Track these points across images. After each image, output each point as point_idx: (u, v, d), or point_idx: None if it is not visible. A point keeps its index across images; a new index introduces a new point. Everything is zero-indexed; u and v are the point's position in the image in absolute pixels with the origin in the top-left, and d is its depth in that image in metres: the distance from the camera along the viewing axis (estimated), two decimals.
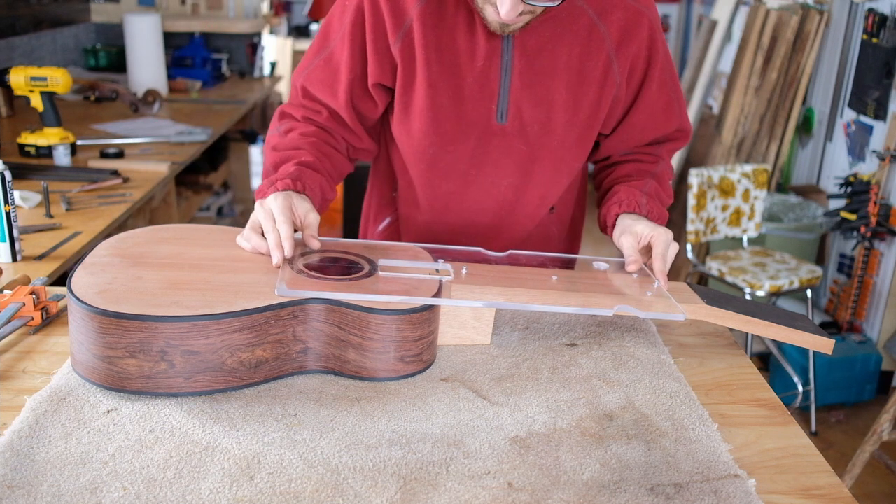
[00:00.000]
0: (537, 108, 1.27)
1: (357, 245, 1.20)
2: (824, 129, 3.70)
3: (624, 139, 1.37)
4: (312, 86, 1.31)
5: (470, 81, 1.25)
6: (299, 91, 1.33)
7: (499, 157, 1.31)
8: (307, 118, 1.32)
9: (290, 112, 1.34)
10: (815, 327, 1.20)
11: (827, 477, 0.91)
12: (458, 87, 1.25)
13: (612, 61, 1.26)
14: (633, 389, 1.05)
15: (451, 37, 1.23)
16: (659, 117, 1.34)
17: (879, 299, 3.20)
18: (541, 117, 1.28)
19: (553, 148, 1.31)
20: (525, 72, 1.24)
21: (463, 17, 1.22)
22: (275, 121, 1.35)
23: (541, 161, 1.32)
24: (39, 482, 0.80)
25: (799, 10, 3.57)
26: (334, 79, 1.29)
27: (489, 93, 1.26)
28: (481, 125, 1.28)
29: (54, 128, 2.35)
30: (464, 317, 1.11)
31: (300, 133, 1.29)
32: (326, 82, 1.30)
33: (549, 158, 1.32)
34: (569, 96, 1.26)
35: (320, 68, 1.30)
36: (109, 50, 3.78)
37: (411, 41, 1.23)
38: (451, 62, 1.24)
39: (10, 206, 1.54)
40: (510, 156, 1.31)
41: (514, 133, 1.29)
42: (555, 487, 0.85)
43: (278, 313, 0.97)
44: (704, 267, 3.15)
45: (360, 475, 0.84)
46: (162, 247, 1.10)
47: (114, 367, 0.93)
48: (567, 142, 1.31)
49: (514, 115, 1.27)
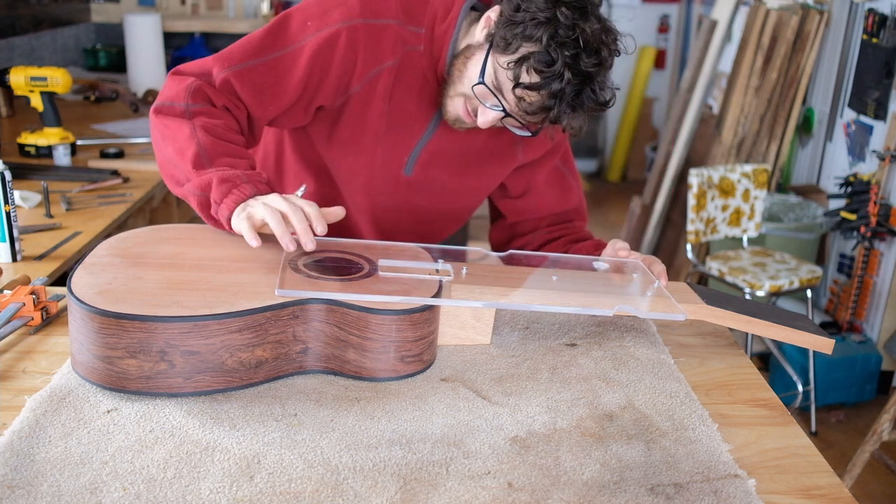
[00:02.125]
0: (441, 170, 1.34)
1: (357, 245, 1.20)
2: (824, 129, 3.70)
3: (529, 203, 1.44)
4: (243, 86, 1.20)
5: (398, 134, 1.29)
6: (218, 80, 1.20)
7: (399, 204, 1.37)
8: (228, 110, 1.21)
9: (208, 94, 1.19)
10: (816, 327, 1.20)
11: (827, 477, 0.91)
12: (388, 139, 1.29)
13: (517, 142, 1.35)
14: (633, 389, 1.05)
15: (403, 96, 1.26)
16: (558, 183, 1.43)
17: (879, 299, 3.20)
18: (441, 177, 1.35)
19: (450, 203, 1.39)
20: (443, 138, 1.31)
21: (418, 84, 1.26)
22: (185, 89, 1.18)
23: (437, 214, 1.41)
24: (39, 482, 0.80)
25: (799, 10, 3.56)
26: (272, 91, 1.21)
27: (405, 148, 1.31)
28: (393, 172, 1.33)
29: (54, 128, 2.35)
30: (464, 317, 1.11)
31: (233, 131, 1.20)
32: (261, 90, 1.21)
33: (447, 213, 1.42)
34: (471, 165, 1.35)
35: (261, 73, 1.20)
36: (109, 50, 3.77)
37: (373, 90, 1.24)
38: (393, 118, 1.28)
39: (10, 206, 1.54)
40: (410, 204, 1.38)
41: (416, 186, 1.35)
42: (555, 487, 0.85)
43: (278, 313, 0.97)
44: (704, 267, 3.15)
45: (360, 475, 0.84)
46: (162, 247, 1.10)
47: (114, 367, 0.93)
48: (462, 200, 1.40)
49: (419, 171, 1.33)
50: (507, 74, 1.11)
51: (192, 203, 1.13)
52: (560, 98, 1.10)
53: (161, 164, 1.19)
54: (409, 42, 1.23)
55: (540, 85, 1.09)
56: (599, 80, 1.12)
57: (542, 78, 1.09)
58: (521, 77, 1.10)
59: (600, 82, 1.12)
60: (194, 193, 1.12)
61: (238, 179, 1.10)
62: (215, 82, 1.20)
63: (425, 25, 1.23)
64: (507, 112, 1.16)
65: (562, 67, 1.08)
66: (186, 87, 1.18)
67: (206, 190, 1.10)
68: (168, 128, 1.16)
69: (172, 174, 1.16)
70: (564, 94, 1.09)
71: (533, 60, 1.08)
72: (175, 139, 1.15)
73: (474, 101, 1.18)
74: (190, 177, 1.12)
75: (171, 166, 1.16)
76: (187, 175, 1.12)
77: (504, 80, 1.13)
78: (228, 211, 1.08)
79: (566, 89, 1.09)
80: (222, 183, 1.09)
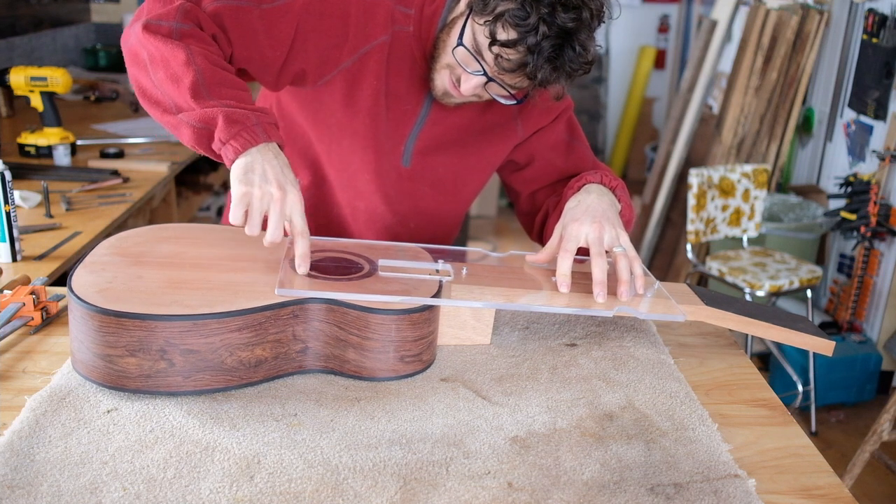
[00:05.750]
0: (439, 157, 1.33)
1: (357, 245, 1.20)
2: (824, 129, 3.70)
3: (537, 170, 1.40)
4: (233, 23, 1.15)
5: (392, 121, 1.28)
6: (209, 9, 1.14)
7: (401, 196, 1.36)
8: (216, 40, 1.15)
9: (199, 17, 1.12)
10: (816, 329, 1.20)
11: (827, 477, 0.91)
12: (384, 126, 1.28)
13: (514, 118, 1.34)
14: (633, 389, 1.05)
15: (395, 77, 1.26)
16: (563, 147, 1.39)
17: (879, 299, 3.20)
18: (441, 164, 1.34)
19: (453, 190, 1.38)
20: (437, 123, 1.30)
21: (408, 65, 1.26)
22: (176, 8, 1.11)
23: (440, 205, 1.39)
24: (39, 482, 0.80)
25: (799, 10, 3.56)
26: (259, 39, 1.16)
27: (399, 137, 1.30)
28: (392, 163, 1.32)
29: (54, 128, 2.35)
30: (464, 317, 1.11)
31: (226, 61, 1.14)
32: (250, 35, 1.16)
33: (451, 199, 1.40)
34: (469, 147, 1.33)
35: (253, 17, 1.15)
36: (109, 50, 3.77)
37: (364, 67, 1.23)
38: (387, 100, 1.27)
39: (10, 206, 1.54)
40: (413, 195, 1.36)
41: (417, 176, 1.34)
42: (555, 487, 0.85)
43: (278, 313, 0.97)
44: (704, 267, 3.15)
45: (360, 475, 0.84)
46: (162, 246, 1.10)
47: (114, 365, 0.93)
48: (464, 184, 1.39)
49: (417, 161, 1.33)
50: (484, 32, 1.11)
51: (185, 133, 1.07)
52: (537, 53, 1.08)
53: (144, 86, 1.10)
54: (400, 22, 1.23)
55: (516, 40, 1.08)
56: (580, 38, 1.09)
57: (518, 33, 1.08)
58: (498, 34, 1.09)
59: (581, 41, 1.10)
60: (192, 125, 1.05)
61: (248, 120, 1.04)
62: (206, 9, 1.14)
63: (415, 7, 1.23)
64: (489, 77, 1.14)
65: (537, 21, 1.07)
66: (177, 7, 1.10)
67: (209, 124, 1.05)
68: (159, 49, 1.08)
69: (160, 101, 1.09)
70: (541, 48, 1.08)
71: (508, 16, 1.08)
72: (167, 64, 1.07)
73: (457, 69, 1.17)
74: (187, 107, 1.06)
75: (160, 93, 1.08)
76: (183, 104, 1.06)
77: (482, 39, 1.12)
78: (234, 154, 1.03)
79: (543, 44, 1.08)
80: (230, 123, 1.03)
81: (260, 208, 1.02)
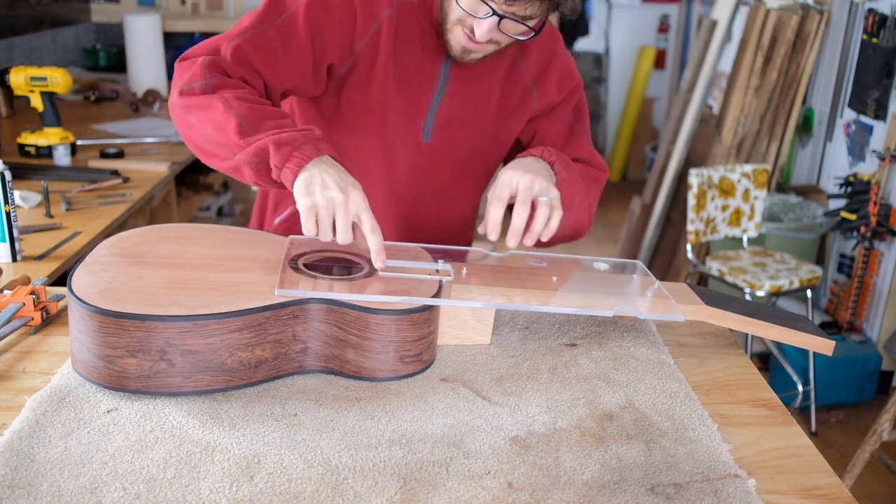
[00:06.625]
0: (460, 131, 1.34)
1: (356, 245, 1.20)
2: (824, 129, 3.70)
3: None
4: (255, 51, 1.18)
5: (407, 96, 1.29)
6: (229, 51, 1.18)
7: (419, 173, 1.36)
8: (245, 81, 1.19)
9: (223, 66, 1.17)
10: (816, 328, 1.20)
11: (827, 477, 0.91)
12: (399, 100, 1.29)
13: (530, 90, 1.36)
14: (633, 389, 1.05)
15: (404, 51, 1.27)
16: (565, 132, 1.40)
17: (879, 299, 3.20)
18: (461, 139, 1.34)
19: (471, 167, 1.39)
20: (456, 96, 1.31)
21: (417, 36, 1.27)
22: (199, 67, 1.16)
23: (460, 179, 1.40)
24: (39, 482, 0.80)
25: (799, 10, 3.56)
26: (283, 55, 1.20)
27: (418, 111, 1.31)
28: (410, 139, 1.32)
29: (54, 128, 2.35)
30: (464, 317, 1.11)
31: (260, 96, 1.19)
32: (273, 55, 1.20)
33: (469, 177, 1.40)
34: (489, 121, 1.34)
35: (269, 37, 1.19)
36: (109, 50, 3.77)
37: (377, 45, 1.25)
38: (400, 75, 1.27)
39: (10, 206, 1.54)
40: (432, 172, 1.36)
41: (437, 151, 1.34)
42: (555, 487, 0.85)
43: (278, 313, 0.97)
44: (704, 267, 3.15)
45: (360, 475, 0.84)
46: (162, 246, 1.10)
47: (113, 366, 0.93)
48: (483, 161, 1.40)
49: (438, 135, 1.33)
50: None
51: (246, 172, 1.11)
52: None
53: (201, 148, 1.16)
54: None
55: None
56: None
57: None
58: None
59: None
60: (248, 162, 1.09)
61: (296, 141, 1.07)
62: (227, 55, 1.18)
63: None
64: (499, 14, 1.14)
65: None
66: (200, 64, 1.16)
67: (261, 156, 1.08)
68: (199, 108, 1.13)
69: (216, 153, 1.14)
70: None
71: None
72: (211, 118, 1.12)
73: (468, 19, 1.18)
74: (238, 148, 1.10)
75: (214, 146, 1.13)
76: (235, 147, 1.10)
77: None
78: (293, 175, 1.06)
79: None
80: (280, 147, 1.06)
81: (327, 215, 1.04)
